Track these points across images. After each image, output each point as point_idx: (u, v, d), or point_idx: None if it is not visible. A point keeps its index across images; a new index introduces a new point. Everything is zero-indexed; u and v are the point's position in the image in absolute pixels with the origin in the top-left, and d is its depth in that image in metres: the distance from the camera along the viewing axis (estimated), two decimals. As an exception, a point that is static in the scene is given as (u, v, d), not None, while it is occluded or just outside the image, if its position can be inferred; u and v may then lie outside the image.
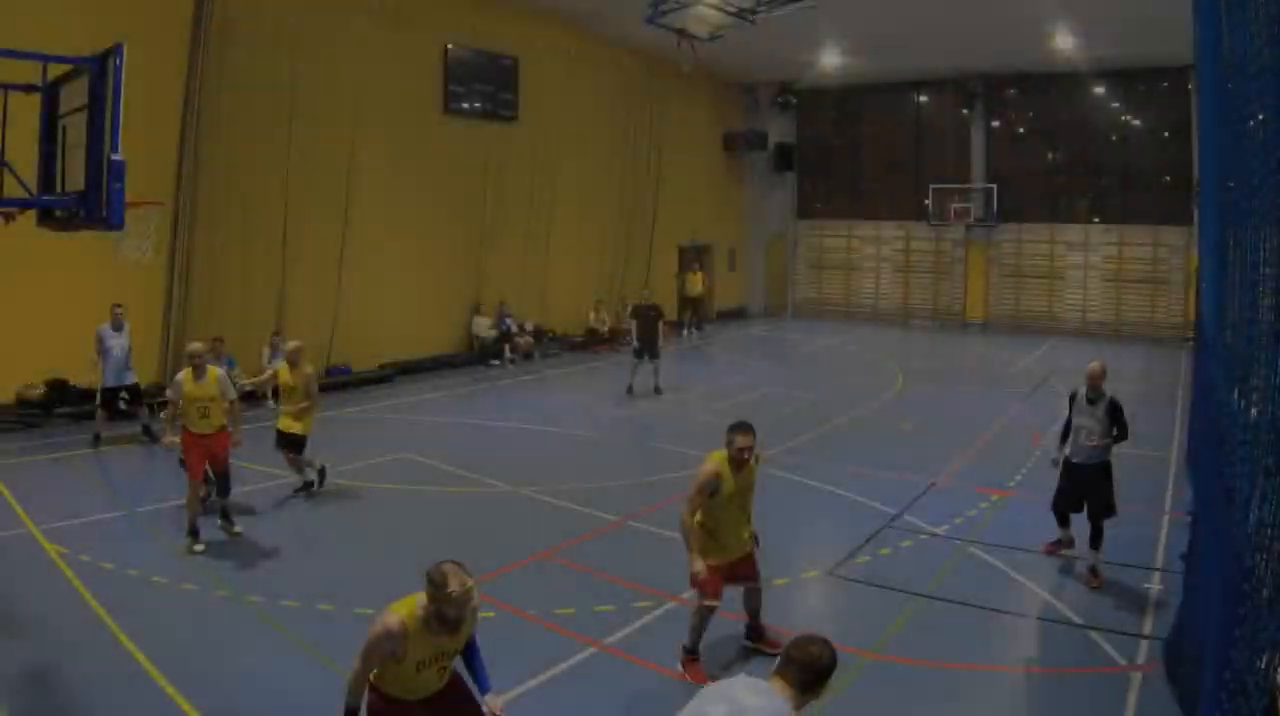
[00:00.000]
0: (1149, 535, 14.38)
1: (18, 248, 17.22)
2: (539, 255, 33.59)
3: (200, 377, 13.88)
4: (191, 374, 13.89)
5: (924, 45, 34.53)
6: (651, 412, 23.19)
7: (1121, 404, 13.02)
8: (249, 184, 24.34)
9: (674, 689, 9.42)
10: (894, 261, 43.90)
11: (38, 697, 9.08)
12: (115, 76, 8.47)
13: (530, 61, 32.35)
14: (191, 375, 13.88)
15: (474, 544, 13.70)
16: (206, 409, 13.89)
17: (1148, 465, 18.46)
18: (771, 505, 15.13)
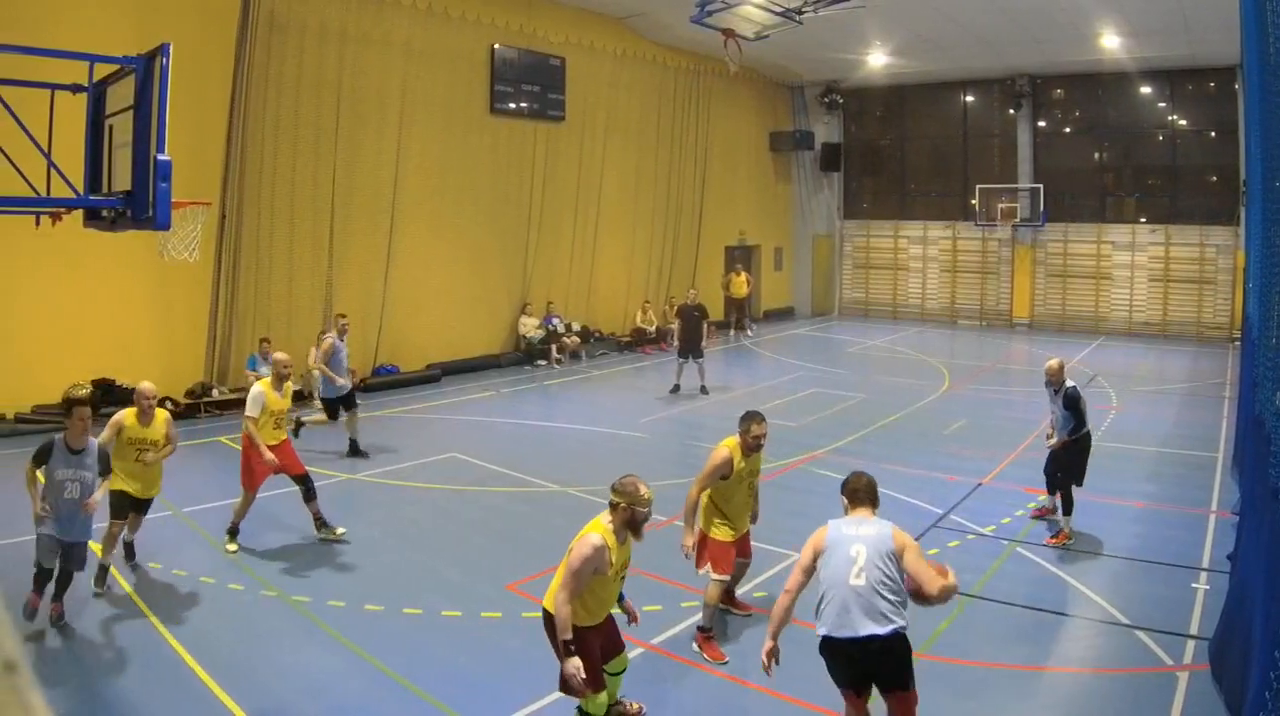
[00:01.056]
0: (1196, 535, 14.26)
1: (65, 248, 17.54)
2: (585, 255, 33.64)
3: (280, 389, 14.10)
4: (272, 385, 14.11)
5: (970, 45, 34.43)
6: (698, 412, 23.25)
7: (1078, 396, 14.14)
8: (295, 184, 24.49)
9: (722, 688, 9.57)
10: (940, 261, 43.63)
11: (86, 698, 9.13)
12: (161, 76, 8.54)
13: (577, 61, 32.36)
14: (272, 386, 14.08)
15: (521, 544, 13.91)
16: (280, 420, 14.07)
17: (1194, 465, 18.41)
18: (818, 504, 15.24)
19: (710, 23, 24.28)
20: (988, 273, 42.36)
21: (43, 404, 20.47)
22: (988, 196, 40.61)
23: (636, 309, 35.34)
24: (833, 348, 36.39)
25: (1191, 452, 19.33)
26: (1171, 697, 9.32)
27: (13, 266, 19.34)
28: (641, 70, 35.40)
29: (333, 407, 18.94)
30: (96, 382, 20.93)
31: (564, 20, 31.76)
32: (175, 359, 22.33)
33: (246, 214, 23.62)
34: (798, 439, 20.25)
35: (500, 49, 29.92)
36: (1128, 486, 16.81)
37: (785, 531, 14.05)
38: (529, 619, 10.79)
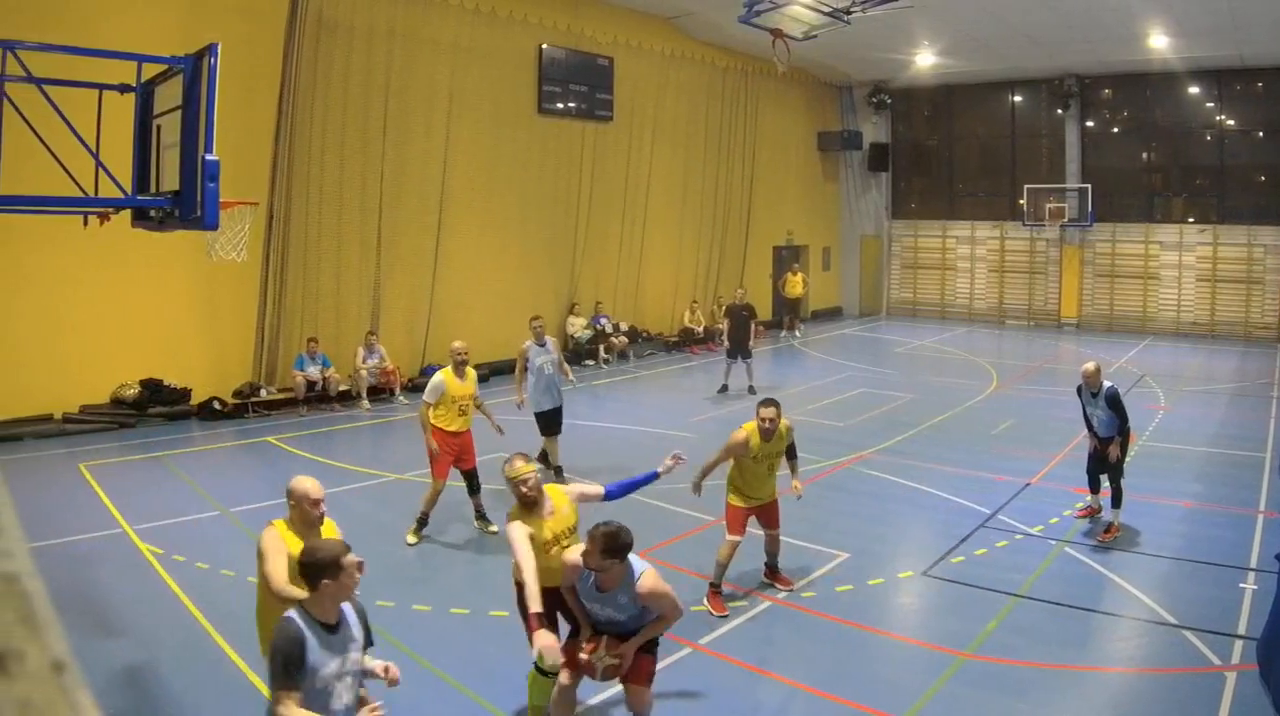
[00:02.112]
0: (1243, 535, 14.16)
1: (112, 248, 17.62)
2: (633, 255, 33.62)
3: (462, 375, 14.34)
4: (453, 372, 14.30)
5: (1018, 45, 34.24)
6: (746, 412, 23.10)
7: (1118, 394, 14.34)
8: (343, 183, 24.57)
9: (770, 689, 9.54)
10: (988, 262, 43.31)
11: (133, 699, 9.17)
12: (209, 76, 8.58)
13: (625, 61, 32.31)
14: (453, 373, 14.29)
15: (569, 541, 14.03)
16: (465, 407, 14.31)
17: (1242, 465, 18.30)
18: (866, 504, 15.38)
19: (758, 23, 24.23)
20: (1035, 273, 42.06)
21: (90, 404, 20.62)
22: (1036, 196, 40.28)
23: (684, 309, 35.22)
24: (880, 348, 36.22)
25: (1239, 452, 19.20)
26: (1219, 698, 9.27)
27: (61, 266, 19.44)
28: (690, 70, 35.29)
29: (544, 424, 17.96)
30: (144, 383, 21.07)
31: (612, 20, 31.72)
32: (223, 359, 22.43)
33: (294, 213, 23.69)
34: (846, 439, 20.23)
35: (548, 49, 29.91)
36: (1175, 486, 16.72)
37: (834, 531, 14.14)
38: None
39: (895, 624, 11.19)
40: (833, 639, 10.56)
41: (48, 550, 12.73)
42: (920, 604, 12.03)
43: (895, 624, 11.19)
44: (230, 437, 20.40)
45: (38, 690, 0.55)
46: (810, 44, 26.84)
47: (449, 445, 14.14)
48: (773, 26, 24.47)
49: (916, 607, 11.96)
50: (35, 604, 0.65)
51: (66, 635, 0.64)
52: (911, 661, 10.18)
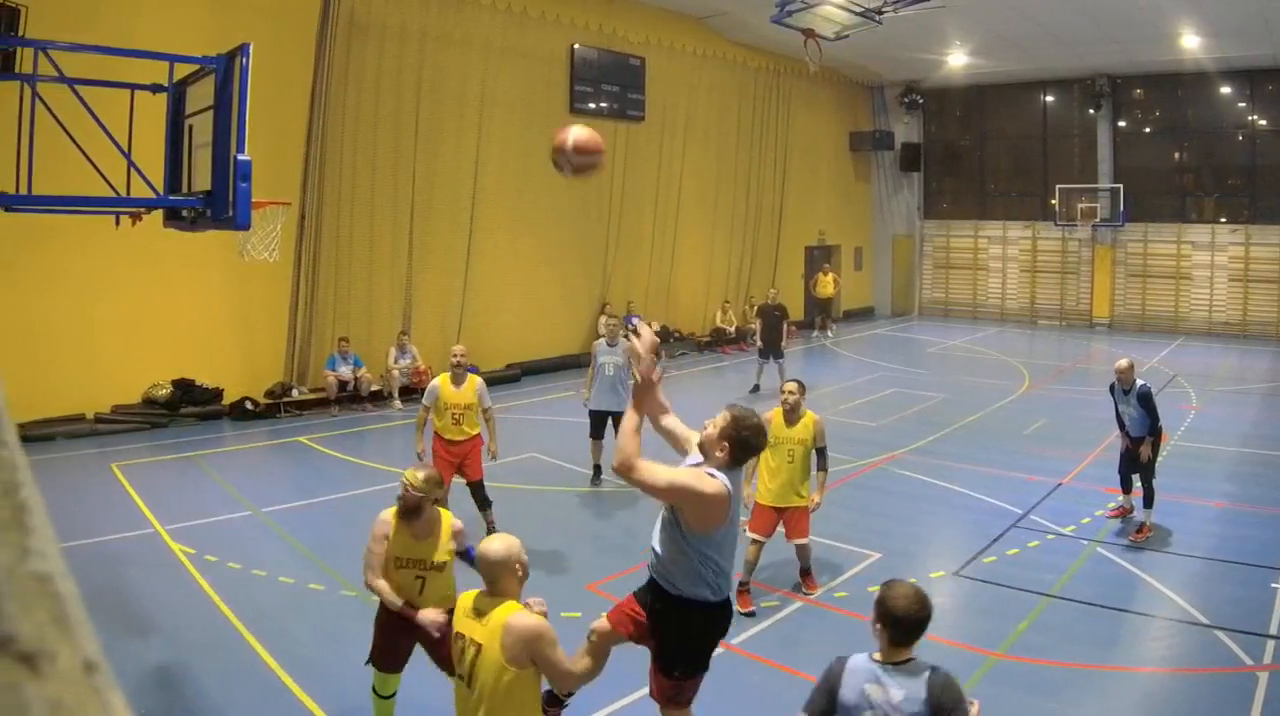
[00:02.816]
0: (1275, 534, 14.13)
1: (144, 248, 17.65)
2: (665, 255, 33.60)
3: (457, 382, 13.63)
4: (449, 378, 13.66)
5: (1050, 45, 34.16)
6: (780, 412, 23.24)
7: (1150, 392, 14.41)
8: (374, 183, 24.59)
9: (801, 689, 9.50)
10: (1020, 261, 43.19)
11: (165, 699, 9.17)
12: (241, 76, 8.61)
13: (657, 61, 32.28)
14: (449, 379, 13.65)
15: (601, 543, 14.04)
16: (461, 416, 13.57)
17: (1274, 465, 18.26)
18: (898, 504, 15.37)
19: (790, 23, 24.22)
20: (1067, 273, 41.93)
21: (122, 404, 20.67)
22: (1067, 196, 40.13)
23: (716, 309, 35.14)
24: (912, 348, 36.18)
25: (1271, 453, 19.11)
26: (1251, 697, 9.24)
27: (92, 266, 19.48)
28: (721, 70, 35.25)
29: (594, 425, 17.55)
30: (176, 383, 21.11)
31: (644, 20, 31.71)
32: (255, 359, 22.46)
33: (326, 213, 23.74)
34: (878, 439, 20.22)
35: (580, 48, 29.90)
36: (1207, 486, 16.65)
37: (866, 531, 14.14)
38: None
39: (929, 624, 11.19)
40: (864, 639, 10.47)
41: (80, 550, 12.74)
42: (952, 604, 11.96)
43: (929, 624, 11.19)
44: (262, 438, 20.45)
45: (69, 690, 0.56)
46: (842, 44, 26.84)
47: (446, 453, 13.52)
48: (805, 26, 24.47)
49: (948, 607, 11.83)
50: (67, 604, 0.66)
51: (98, 635, 0.65)
52: (943, 661, 9.97)
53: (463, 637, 6.01)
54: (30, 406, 18.56)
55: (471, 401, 13.57)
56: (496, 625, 5.87)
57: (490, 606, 5.99)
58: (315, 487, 13.65)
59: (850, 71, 41.63)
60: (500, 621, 5.87)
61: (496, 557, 6.09)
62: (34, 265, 18.84)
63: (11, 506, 0.80)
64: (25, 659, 0.56)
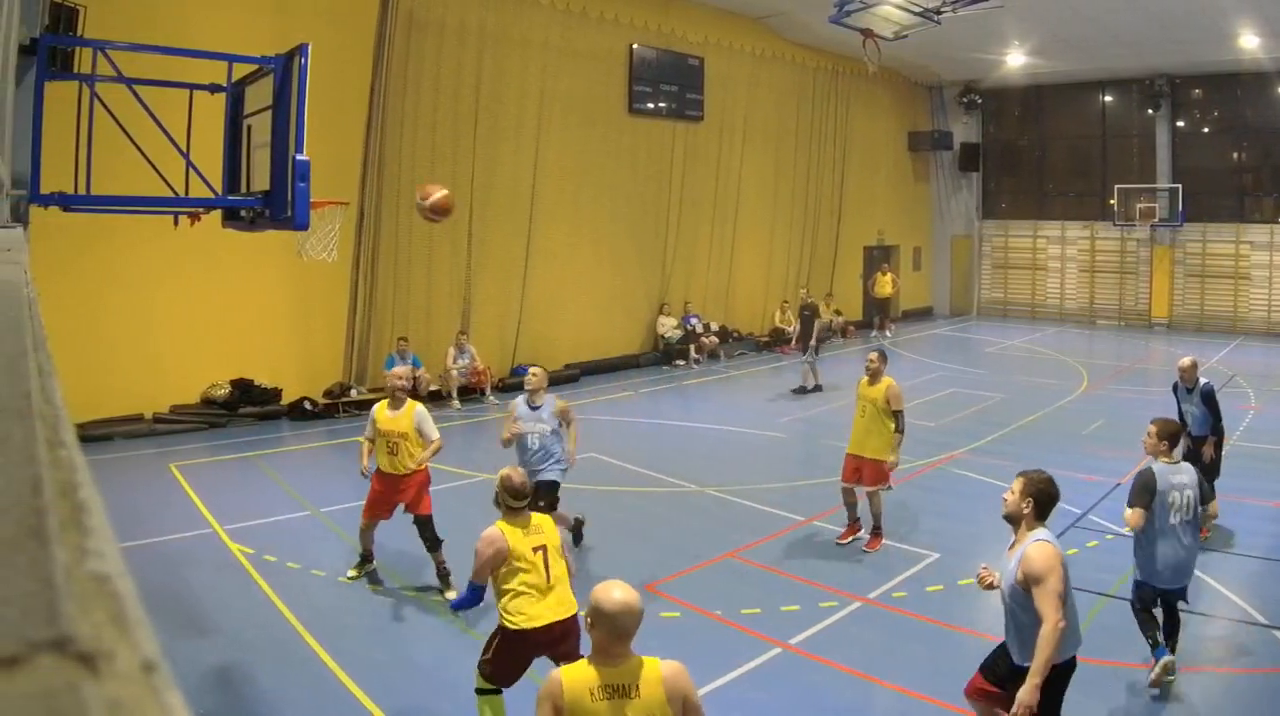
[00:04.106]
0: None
1: (203, 248, 17.71)
2: (724, 255, 33.59)
3: (395, 407, 12.19)
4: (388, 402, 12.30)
5: (1109, 45, 33.94)
6: (837, 412, 22.97)
7: (1213, 391, 14.80)
8: (433, 182, 24.44)
9: (860, 689, 9.50)
10: (1079, 261, 42.98)
11: (224, 699, 9.22)
12: (300, 76, 8.57)
13: (715, 61, 32.27)
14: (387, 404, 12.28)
15: (659, 544, 13.95)
16: (396, 446, 12.07)
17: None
18: (957, 504, 15.36)
19: (849, 23, 24.18)
20: (1126, 273, 41.68)
21: (181, 404, 20.80)
22: (1126, 196, 39.87)
23: (775, 309, 35.09)
24: (971, 348, 36.16)
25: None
26: (1312, 697, 9.09)
27: (151, 267, 19.61)
28: (780, 70, 35.19)
29: None
30: (235, 383, 21.24)
31: (703, 20, 31.69)
32: (313, 359, 22.58)
33: (385, 213, 23.83)
34: (937, 439, 20.13)
35: (639, 48, 29.96)
36: (1266, 486, 16.49)
37: (924, 532, 14.16)
38: (668, 619, 10.95)
39: (986, 624, 11.09)
40: (923, 638, 10.51)
41: (138, 550, 12.82)
42: (1012, 603, 11.93)
43: (986, 624, 11.09)
44: (321, 438, 20.54)
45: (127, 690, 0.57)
46: (900, 44, 26.76)
47: (380, 485, 12.15)
48: (863, 26, 24.43)
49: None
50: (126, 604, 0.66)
51: (157, 635, 0.66)
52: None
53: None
54: (89, 406, 18.63)
55: (406, 429, 12.03)
56: (652, 683, 5.29)
57: (629, 672, 5.30)
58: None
59: (909, 71, 41.50)
60: (653, 677, 5.30)
61: (634, 612, 5.41)
62: (92, 265, 18.94)
63: (70, 506, 0.81)
64: (84, 659, 0.57)
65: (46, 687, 0.55)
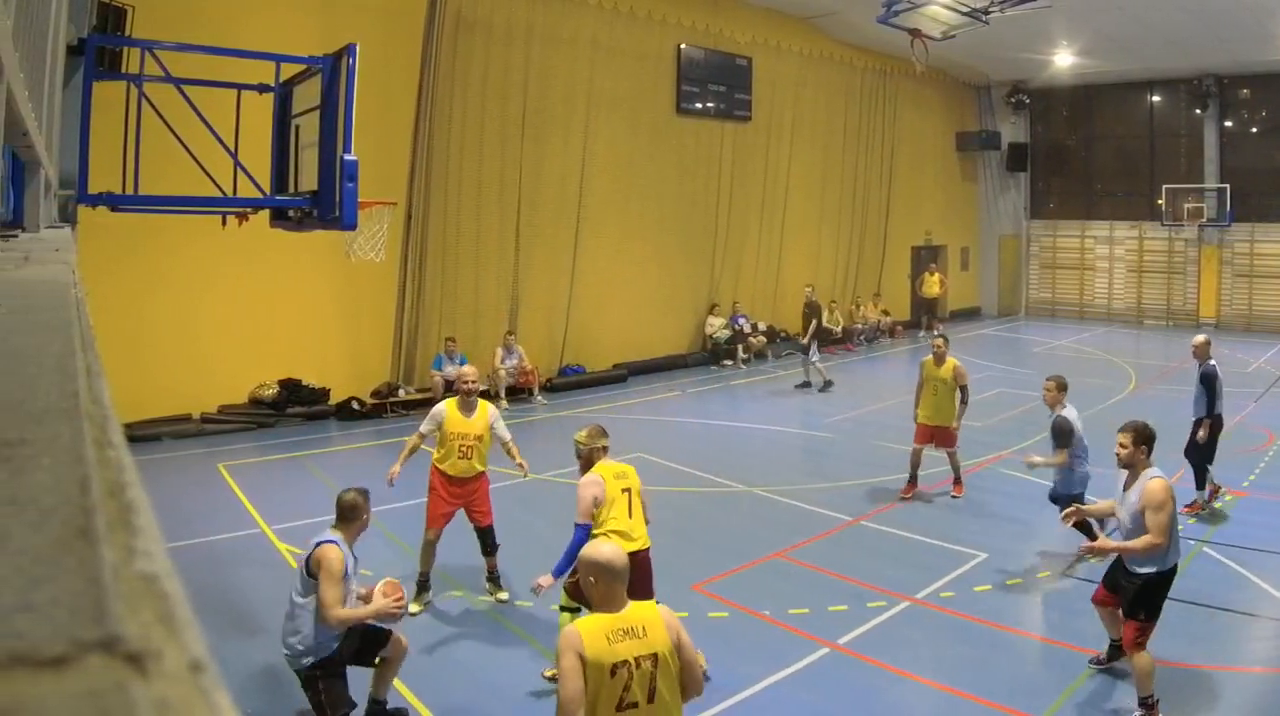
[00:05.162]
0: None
1: (251, 248, 17.73)
2: (772, 255, 33.58)
3: (467, 411, 12.00)
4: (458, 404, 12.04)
5: (1157, 45, 33.78)
6: (884, 412, 22.90)
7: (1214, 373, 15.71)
8: (481, 183, 24.72)
9: (909, 689, 9.49)
10: (1127, 261, 42.83)
11: (271, 699, 9.27)
12: (348, 76, 8.64)
13: (764, 61, 32.26)
14: (457, 405, 12.03)
15: (707, 543, 13.93)
16: (470, 450, 11.94)
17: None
18: (1005, 504, 15.36)
19: (897, 23, 24.18)
20: (1174, 273, 41.47)
21: (229, 404, 20.89)
22: (1174, 196, 39.70)
23: (822, 308, 34.73)
24: (1019, 348, 36.10)
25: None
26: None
27: (199, 267, 19.71)
28: (828, 70, 35.17)
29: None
30: (283, 383, 21.30)
31: (751, 20, 31.68)
32: (361, 359, 22.64)
33: (433, 213, 23.87)
34: (984, 439, 20.07)
35: (687, 49, 29.97)
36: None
37: (971, 531, 14.17)
38: (716, 619, 10.97)
39: (1033, 624, 11.14)
40: (971, 638, 10.49)
41: (187, 550, 12.91)
42: (1057, 604, 11.92)
43: (1033, 624, 11.14)
44: (368, 438, 20.59)
45: (175, 690, 0.57)
46: (948, 44, 26.75)
47: (448, 493, 11.97)
48: (911, 26, 24.41)
49: (1053, 607, 11.88)
50: (174, 604, 0.66)
51: (205, 635, 0.66)
52: (1049, 661, 10.13)
53: (627, 665, 5.72)
54: (137, 406, 18.71)
55: (483, 432, 11.93)
56: (656, 623, 5.87)
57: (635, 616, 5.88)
58: (421, 488, 13.58)
59: (957, 71, 41.33)
60: (655, 618, 5.89)
61: (625, 561, 6.10)
62: (140, 265, 19.05)
63: (118, 506, 0.81)
64: (131, 659, 0.57)
65: (94, 687, 0.55)
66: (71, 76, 8.65)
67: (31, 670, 0.55)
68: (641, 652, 5.68)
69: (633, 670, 5.64)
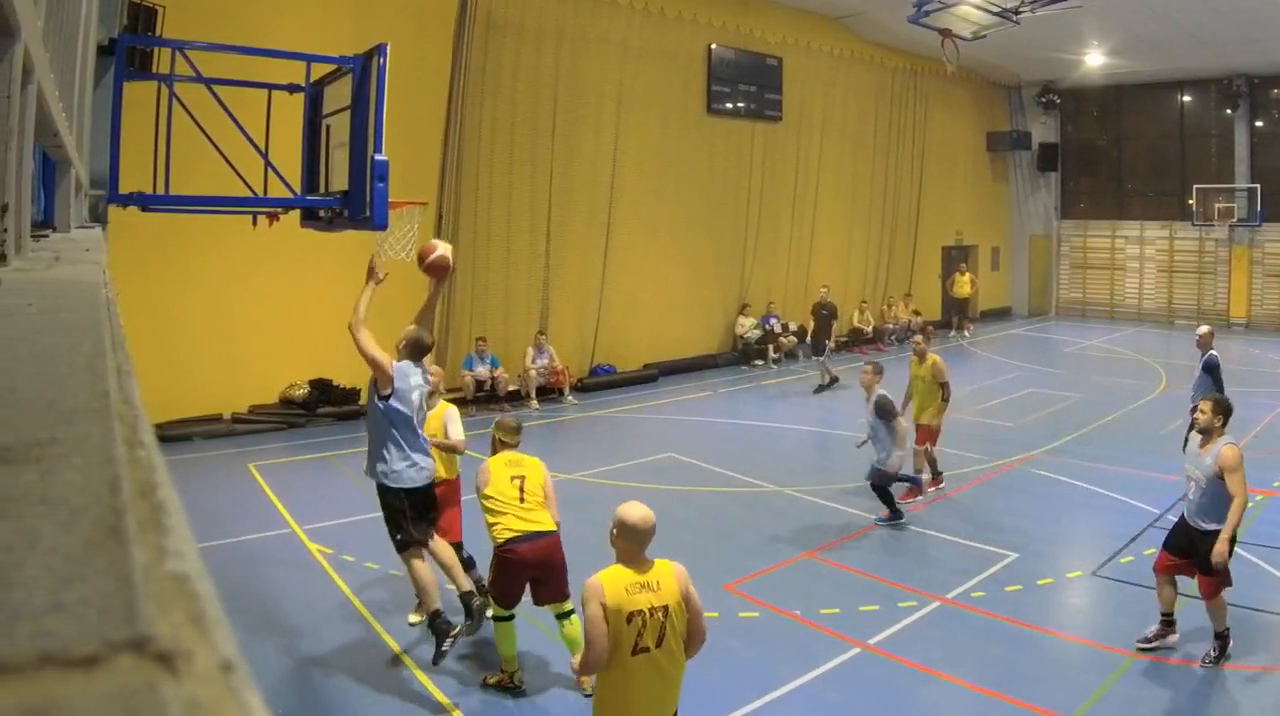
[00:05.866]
0: None
1: (281, 248, 17.75)
2: (802, 255, 33.51)
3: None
4: None
5: (1187, 45, 33.66)
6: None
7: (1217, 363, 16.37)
8: (512, 183, 24.72)
9: (940, 689, 9.46)
10: (1157, 261, 42.66)
11: (303, 699, 9.28)
12: (379, 76, 8.58)
13: (794, 61, 32.21)
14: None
15: (738, 544, 13.87)
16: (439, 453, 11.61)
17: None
18: (1035, 504, 15.32)
19: (927, 23, 24.17)
20: (1204, 273, 41.26)
21: (260, 404, 20.93)
22: (1205, 196, 39.56)
23: (853, 309, 34.87)
24: (1049, 348, 35.94)
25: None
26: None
27: (229, 267, 19.72)
28: (858, 70, 35.07)
29: None
30: (313, 383, 21.30)
31: (781, 20, 31.62)
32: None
33: (463, 213, 23.88)
34: (1014, 438, 20.12)
35: (717, 49, 29.93)
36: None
37: (1003, 531, 14.15)
38: (746, 619, 10.93)
39: (1064, 624, 11.11)
40: (1001, 639, 10.46)
41: (217, 550, 12.93)
42: (1089, 604, 11.95)
43: (1064, 624, 11.11)
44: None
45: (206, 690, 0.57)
46: (979, 44, 26.73)
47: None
48: (942, 26, 24.38)
49: (1085, 607, 11.90)
50: (204, 603, 0.67)
51: (236, 634, 0.66)
52: (1081, 661, 10.09)
53: (641, 614, 6.44)
54: (167, 407, 18.72)
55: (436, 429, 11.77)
56: (669, 577, 6.66)
57: (653, 572, 6.67)
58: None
59: (987, 71, 41.22)
60: (669, 574, 6.69)
61: (652, 523, 7.01)
62: (170, 266, 19.08)
63: (149, 506, 0.81)
64: (162, 659, 0.57)
65: (125, 687, 0.55)
66: (102, 76, 8.68)
67: (62, 669, 0.55)
68: (655, 604, 6.46)
69: (646, 619, 6.40)
